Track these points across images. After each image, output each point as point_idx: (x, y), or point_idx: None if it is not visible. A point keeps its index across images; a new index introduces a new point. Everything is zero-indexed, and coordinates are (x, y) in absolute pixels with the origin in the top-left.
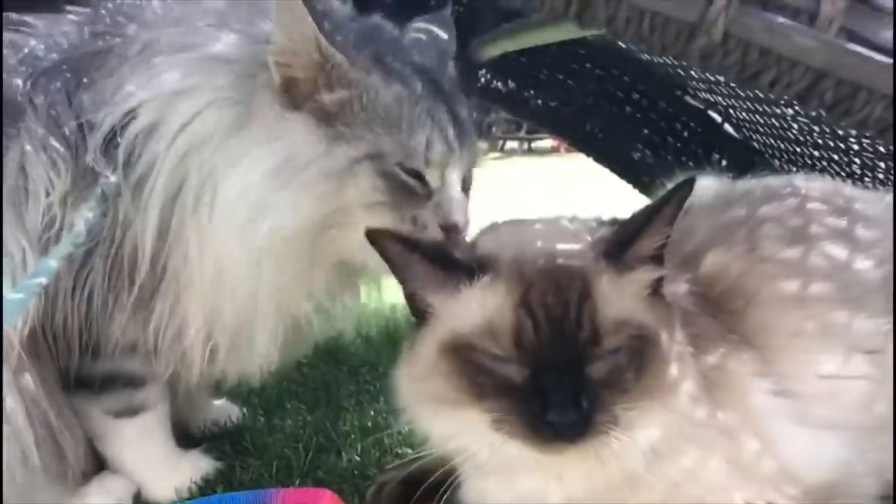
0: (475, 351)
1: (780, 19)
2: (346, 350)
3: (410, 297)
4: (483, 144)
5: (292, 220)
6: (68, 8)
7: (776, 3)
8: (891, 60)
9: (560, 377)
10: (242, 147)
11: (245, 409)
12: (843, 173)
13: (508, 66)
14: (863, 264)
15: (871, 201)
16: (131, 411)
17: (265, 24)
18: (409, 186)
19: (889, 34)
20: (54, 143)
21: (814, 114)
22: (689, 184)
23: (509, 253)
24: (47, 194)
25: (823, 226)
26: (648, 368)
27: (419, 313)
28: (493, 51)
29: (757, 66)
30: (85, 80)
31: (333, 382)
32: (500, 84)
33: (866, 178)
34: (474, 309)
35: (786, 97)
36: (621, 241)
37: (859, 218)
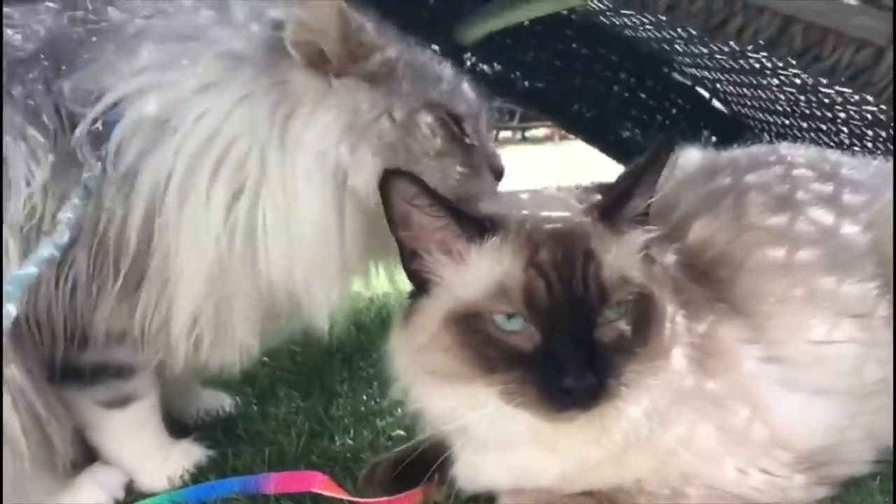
0: (483, 320)
1: None
2: (340, 337)
3: (411, 261)
4: None
5: (368, 176)
6: None
7: None
8: (857, 2)
9: (573, 342)
10: (299, 125)
11: (237, 398)
12: (831, 143)
13: (494, 48)
14: (850, 229)
15: (857, 166)
16: (122, 401)
17: (271, 10)
18: (458, 135)
19: None
20: (33, 132)
21: (799, 82)
22: (669, 142)
23: (514, 217)
24: (27, 184)
25: (809, 192)
26: (652, 330)
27: (420, 282)
28: (478, 32)
29: (723, 12)
30: (64, 67)
31: (326, 369)
32: (486, 67)
33: (855, 148)
34: (483, 273)
35: (755, 45)
36: (614, 203)
37: (846, 183)
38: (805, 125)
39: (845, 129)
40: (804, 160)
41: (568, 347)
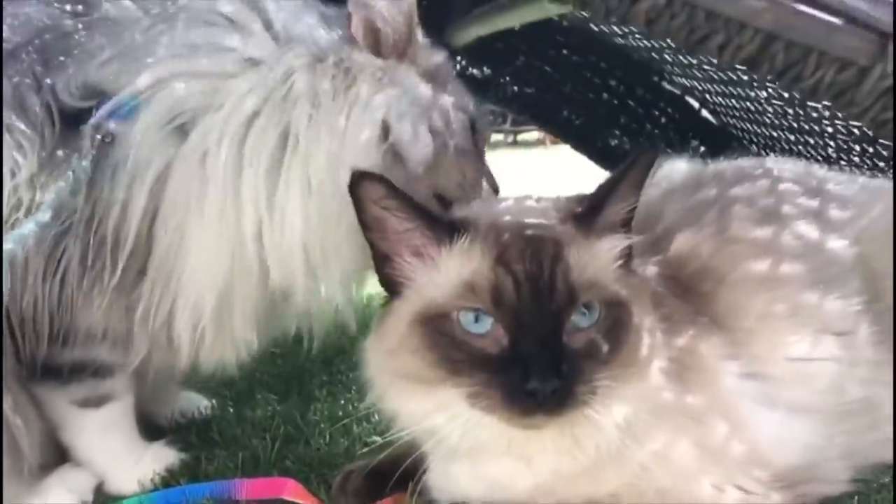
0: (450, 321)
1: None
2: (321, 339)
3: (383, 265)
4: None
5: (425, 153)
6: None
7: None
8: (840, 21)
9: (540, 344)
10: (363, 92)
11: (214, 400)
12: (818, 157)
13: (485, 52)
14: (835, 244)
15: (843, 182)
16: (97, 401)
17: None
18: (475, 142)
19: None
20: (20, 125)
21: (787, 95)
22: (652, 152)
23: (485, 220)
24: (13, 175)
25: (795, 206)
26: (625, 340)
27: (392, 285)
28: (468, 36)
29: (704, 28)
30: (55, 61)
31: (306, 372)
32: (475, 70)
33: (842, 161)
34: (452, 273)
35: (736, 62)
36: (589, 209)
37: (832, 198)
38: (793, 138)
39: (832, 144)
40: (790, 174)
41: (534, 349)
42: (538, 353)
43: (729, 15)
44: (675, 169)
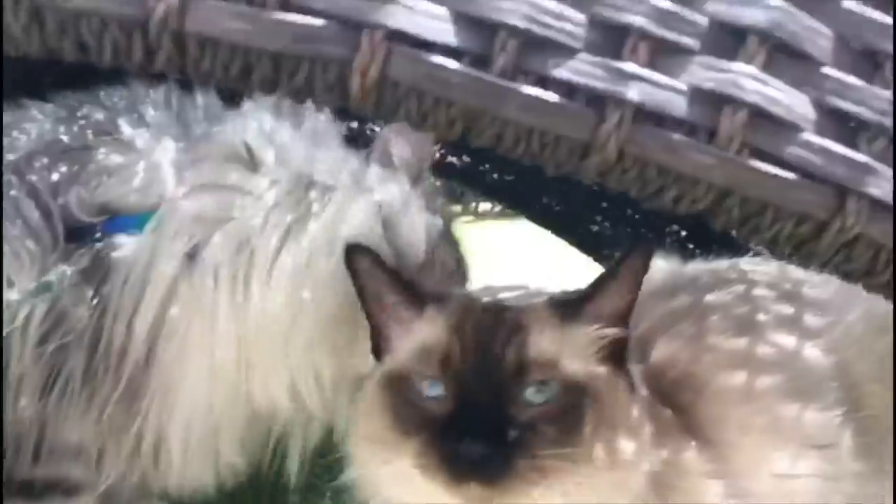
0: (407, 383)
1: (677, 136)
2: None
3: (375, 335)
4: (457, 207)
5: (419, 254)
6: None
7: (672, 120)
8: (795, 176)
9: (479, 408)
10: (375, 185)
11: None
12: None
13: (464, 140)
14: (811, 353)
15: (819, 284)
16: None
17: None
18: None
19: (793, 149)
20: (21, 236)
21: None
22: (647, 247)
23: (460, 293)
24: (10, 286)
25: (770, 313)
26: (584, 427)
27: (379, 353)
28: None
29: (657, 183)
30: (67, 176)
31: (280, 481)
32: (454, 159)
33: None
34: (418, 338)
35: (693, 213)
36: (575, 299)
37: (807, 304)
38: None
39: None
40: (765, 278)
41: (472, 412)
42: (475, 417)
43: (680, 171)
44: (653, 269)
